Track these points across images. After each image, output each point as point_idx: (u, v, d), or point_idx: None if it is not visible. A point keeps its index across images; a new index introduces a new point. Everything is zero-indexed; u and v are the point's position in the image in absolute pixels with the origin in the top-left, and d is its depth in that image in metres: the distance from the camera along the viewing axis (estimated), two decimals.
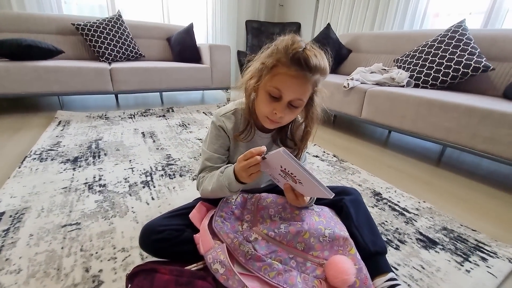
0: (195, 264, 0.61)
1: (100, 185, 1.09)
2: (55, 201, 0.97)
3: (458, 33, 1.75)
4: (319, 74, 0.59)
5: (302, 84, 0.58)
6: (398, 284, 0.61)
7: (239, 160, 0.58)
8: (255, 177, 0.58)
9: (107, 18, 2.53)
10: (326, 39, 2.53)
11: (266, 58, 0.61)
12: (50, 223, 0.85)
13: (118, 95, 2.84)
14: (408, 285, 0.70)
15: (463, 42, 1.71)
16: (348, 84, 1.85)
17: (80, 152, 1.40)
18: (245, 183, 0.61)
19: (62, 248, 0.75)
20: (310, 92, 0.61)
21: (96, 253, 0.74)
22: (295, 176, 0.55)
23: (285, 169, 0.55)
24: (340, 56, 2.59)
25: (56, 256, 0.72)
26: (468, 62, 1.64)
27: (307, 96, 0.62)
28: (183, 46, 2.81)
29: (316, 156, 1.55)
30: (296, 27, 3.81)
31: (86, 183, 1.11)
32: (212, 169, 0.72)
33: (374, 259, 0.65)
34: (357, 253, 0.63)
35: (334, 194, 0.55)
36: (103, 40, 2.45)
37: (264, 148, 0.56)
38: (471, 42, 1.69)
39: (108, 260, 0.72)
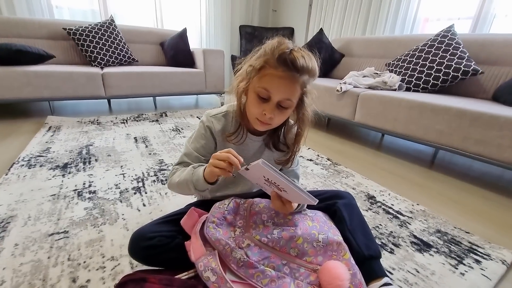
0: (186, 273, 0.60)
1: (90, 192, 1.07)
2: (42, 209, 0.94)
3: (448, 38, 1.78)
4: (307, 75, 0.59)
5: (289, 85, 0.58)
6: None
7: (213, 155, 0.57)
8: (214, 176, 0.58)
9: (99, 22, 2.52)
10: (319, 43, 2.55)
11: (254, 61, 0.61)
12: (36, 232, 0.83)
13: (111, 100, 2.81)
14: None
15: (452, 46, 1.74)
16: (341, 88, 1.86)
17: (70, 158, 1.37)
18: (211, 183, 0.61)
19: (48, 257, 0.73)
20: (299, 92, 0.61)
21: (84, 262, 0.72)
22: (278, 185, 0.56)
23: (267, 178, 0.56)
24: (332, 60, 2.62)
25: (42, 266, 0.70)
26: (457, 66, 1.67)
27: (296, 96, 0.61)
28: (176, 51, 2.80)
29: (310, 160, 1.55)
30: (289, 32, 3.85)
31: (76, 190, 1.08)
32: (188, 165, 0.70)
33: (369, 264, 0.64)
34: (351, 258, 0.62)
35: (317, 201, 0.57)
36: (95, 44, 2.42)
37: (241, 159, 0.56)
38: (460, 46, 1.73)
39: (97, 269, 0.70)
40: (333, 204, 0.74)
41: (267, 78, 0.58)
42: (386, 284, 0.61)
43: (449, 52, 1.73)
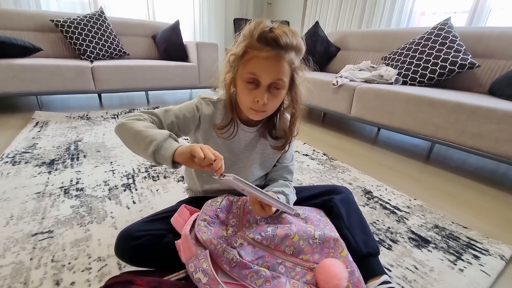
0: (176, 274, 0.57)
1: (77, 189, 1.02)
2: (26, 208, 0.90)
3: (444, 31, 1.76)
4: (294, 51, 0.56)
5: (277, 64, 0.54)
6: (392, 287, 0.58)
7: (207, 146, 0.50)
8: (184, 155, 0.50)
9: (89, 14, 2.43)
10: (314, 36, 2.51)
11: (236, 48, 0.57)
12: (19, 232, 0.78)
13: (102, 94, 2.73)
14: (402, 287, 0.67)
15: (449, 39, 1.72)
16: (337, 81, 1.83)
17: (58, 154, 1.32)
18: (177, 164, 0.52)
19: (31, 259, 0.69)
20: (288, 71, 0.57)
21: (69, 263, 0.68)
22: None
23: (243, 189, 0.53)
24: (328, 53, 2.58)
25: (23, 269, 0.66)
26: (454, 59, 1.65)
27: (287, 75, 0.57)
28: (169, 44, 2.73)
29: (306, 155, 1.52)
30: None
31: (62, 187, 1.03)
32: (157, 124, 0.62)
33: (367, 261, 0.62)
34: (349, 255, 0.59)
35: (295, 210, 0.61)
36: (85, 37, 2.34)
37: (222, 171, 0.50)
38: (457, 39, 1.71)
39: (82, 271, 0.66)
40: (329, 200, 0.72)
41: (252, 62, 0.54)
42: (385, 282, 0.59)
43: (446, 46, 1.71)
